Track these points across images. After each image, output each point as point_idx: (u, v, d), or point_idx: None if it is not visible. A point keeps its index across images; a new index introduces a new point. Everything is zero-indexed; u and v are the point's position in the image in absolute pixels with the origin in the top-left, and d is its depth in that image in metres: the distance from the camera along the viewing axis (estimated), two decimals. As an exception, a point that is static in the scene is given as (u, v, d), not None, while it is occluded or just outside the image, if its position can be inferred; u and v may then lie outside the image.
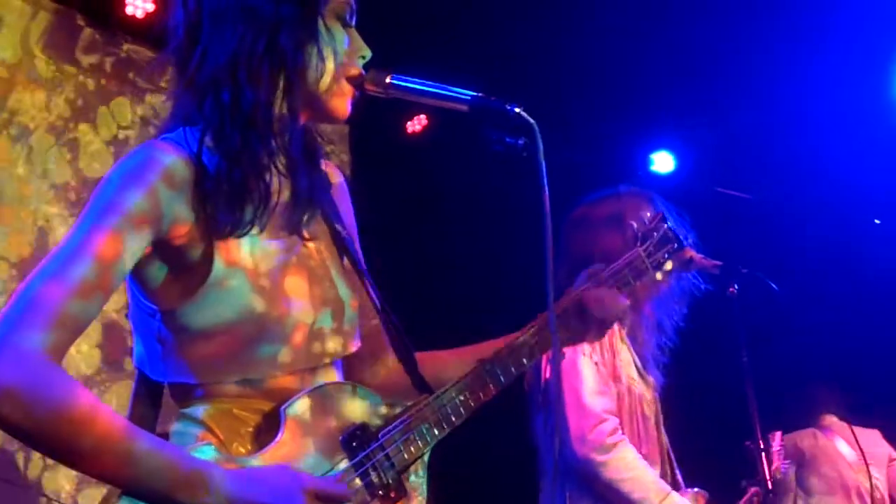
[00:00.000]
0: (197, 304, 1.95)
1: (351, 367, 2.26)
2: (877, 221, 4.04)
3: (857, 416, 5.05)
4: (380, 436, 2.08)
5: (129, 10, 5.34)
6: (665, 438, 3.70)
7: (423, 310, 6.16)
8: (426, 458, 2.15)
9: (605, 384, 3.48)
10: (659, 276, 2.91)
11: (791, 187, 5.68)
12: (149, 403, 2.08)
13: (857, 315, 5.67)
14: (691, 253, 3.68)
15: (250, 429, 1.99)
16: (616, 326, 3.57)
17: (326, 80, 2.09)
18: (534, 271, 2.10)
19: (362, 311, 2.22)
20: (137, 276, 1.97)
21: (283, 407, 1.97)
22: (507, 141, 2.05)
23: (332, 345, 2.10)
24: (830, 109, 5.74)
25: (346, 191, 2.44)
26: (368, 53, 2.19)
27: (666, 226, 2.89)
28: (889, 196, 5.28)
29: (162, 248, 1.95)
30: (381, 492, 2.05)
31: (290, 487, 1.86)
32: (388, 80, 2.16)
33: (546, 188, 1.98)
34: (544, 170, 1.99)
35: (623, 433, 3.46)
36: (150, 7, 5.33)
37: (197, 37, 2.05)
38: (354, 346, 2.17)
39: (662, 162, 6.63)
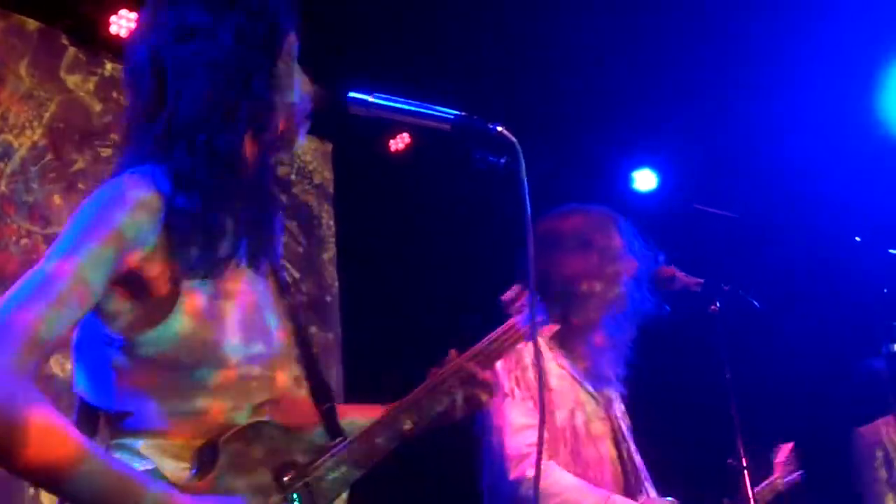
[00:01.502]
0: (156, 335, 2.00)
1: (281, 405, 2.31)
2: (857, 239, 4.06)
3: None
4: (308, 472, 2.16)
5: (113, 30, 5.34)
6: (630, 452, 3.65)
7: (404, 327, 6.17)
8: (345, 495, 2.24)
9: (532, 418, 3.42)
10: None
11: (773, 205, 5.71)
12: (87, 430, 2.10)
13: (839, 332, 5.69)
14: (673, 270, 3.70)
15: (186, 462, 2.03)
16: (548, 354, 3.55)
17: (290, 119, 2.21)
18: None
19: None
20: (102, 304, 2.01)
21: (220, 439, 2.03)
22: (490, 159, 2.07)
23: (271, 383, 2.15)
24: (812, 127, 5.78)
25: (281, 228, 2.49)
26: (310, 87, 2.29)
27: (537, 296, 2.96)
28: (870, 213, 5.31)
29: (129, 279, 1.99)
30: None
31: None
32: (370, 99, 2.18)
33: (528, 206, 2.00)
34: (526, 188, 2.01)
35: (550, 459, 3.41)
36: (135, 26, 5.33)
37: (161, 83, 2.12)
38: (287, 382, 2.22)
39: (644, 179, 6.65)
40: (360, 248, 6.62)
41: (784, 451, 4.38)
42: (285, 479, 2.11)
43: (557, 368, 3.54)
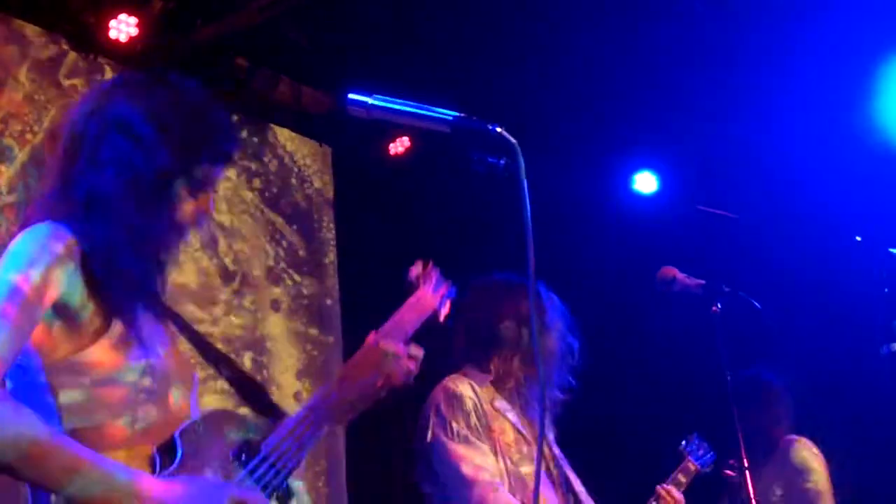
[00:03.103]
0: (92, 355, 2.16)
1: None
2: (858, 238, 4.06)
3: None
4: (262, 448, 2.37)
5: (112, 35, 5.34)
6: (568, 479, 3.63)
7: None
8: (303, 463, 2.48)
9: (483, 454, 3.42)
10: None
11: (774, 206, 5.71)
12: None
13: (839, 332, 5.69)
14: (674, 272, 3.71)
15: (146, 462, 2.16)
16: (483, 396, 3.54)
17: (171, 230, 2.34)
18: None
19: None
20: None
21: (176, 432, 2.20)
22: (489, 161, 2.07)
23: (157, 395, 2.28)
24: (812, 128, 5.78)
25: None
26: (210, 215, 2.42)
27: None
28: (870, 213, 5.30)
29: (55, 311, 2.12)
30: (274, 493, 2.37)
31: (218, 494, 2.12)
32: (370, 101, 2.18)
33: (528, 208, 2.00)
34: (526, 189, 2.01)
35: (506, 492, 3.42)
36: (134, 31, 5.33)
37: (76, 156, 2.28)
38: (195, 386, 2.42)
39: (645, 182, 6.65)
40: (360, 251, 6.62)
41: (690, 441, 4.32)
42: (243, 457, 2.31)
43: (495, 412, 3.54)
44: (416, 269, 3.17)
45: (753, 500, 3.42)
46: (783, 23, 5.54)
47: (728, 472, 4.53)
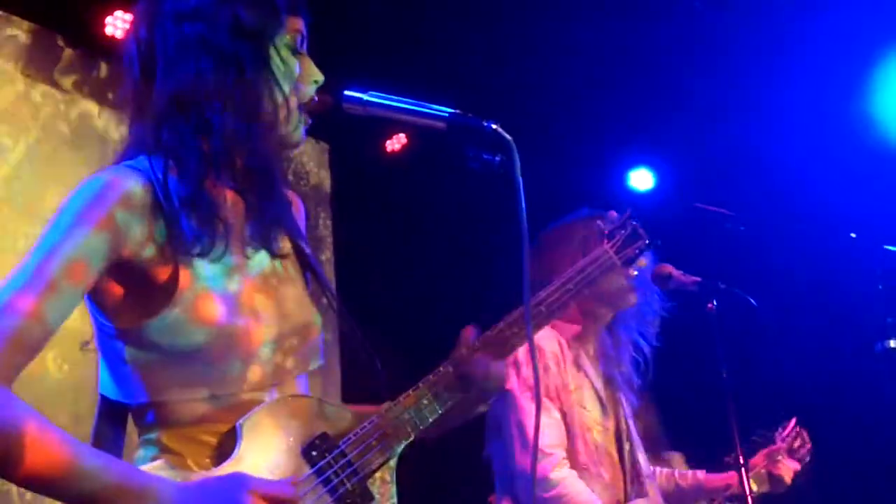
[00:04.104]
0: (163, 323, 1.98)
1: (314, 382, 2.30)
2: (853, 236, 4.06)
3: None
4: (340, 444, 2.11)
5: (108, 31, 5.33)
6: (634, 454, 3.67)
7: (403, 327, 6.17)
8: (393, 463, 2.19)
9: (549, 417, 3.45)
10: (633, 272, 2.92)
11: (769, 203, 5.71)
12: (112, 427, 2.11)
13: (835, 329, 5.70)
14: (669, 269, 3.71)
15: (211, 448, 2.02)
16: (568, 354, 3.57)
17: (283, 110, 2.16)
18: (513, 287, 2.11)
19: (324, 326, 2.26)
20: (96, 296, 2.00)
21: (239, 421, 2.00)
22: (484, 158, 2.06)
23: (297, 361, 2.14)
24: (808, 125, 5.78)
25: (303, 214, 2.46)
26: (321, 78, 2.25)
27: (634, 223, 2.90)
28: (866, 211, 5.31)
29: (120, 269, 1.97)
30: (346, 498, 2.08)
31: (235, 490, 1.87)
32: (365, 97, 2.18)
33: (523, 205, 2.00)
34: (521, 186, 2.00)
35: (570, 467, 3.45)
36: (133, 16, 5.32)
37: (153, 69, 2.10)
38: (319, 362, 2.22)
39: (640, 179, 6.65)
40: (357, 249, 6.61)
41: (789, 428, 4.33)
42: (314, 453, 2.07)
43: (575, 369, 3.58)
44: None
45: (749, 498, 3.42)
46: (779, 19, 5.54)
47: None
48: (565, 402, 3.52)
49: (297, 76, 2.20)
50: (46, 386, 4.82)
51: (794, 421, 4.38)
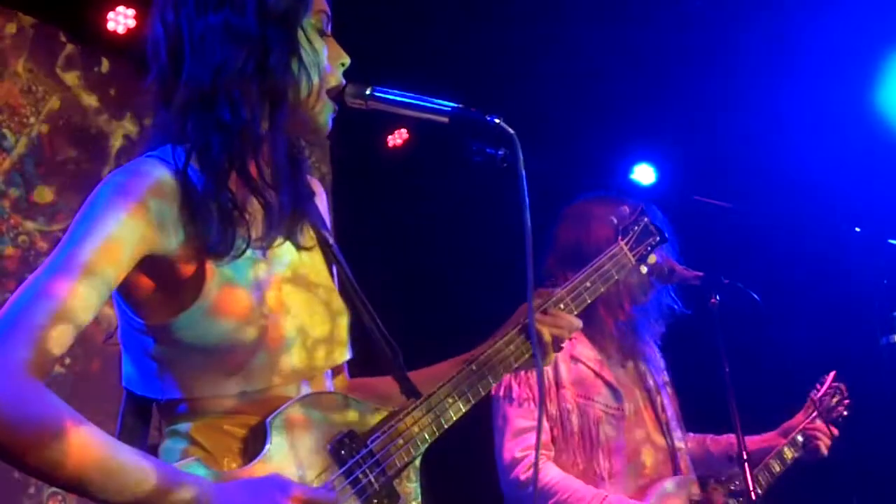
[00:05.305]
0: (191, 318, 1.95)
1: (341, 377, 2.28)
2: (857, 230, 4.05)
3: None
4: (368, 442, 2.09)
5: (110, 26, 5.33)
6: (668, 431, 3.66)
7: (407, 322, 6.16)
8: (417, 462, 2.16)
9: (531, 419, 3.43)
10: (643, 269, 2.93)
11: (772, 197, 5.70)
12: (138, 421, 2.07)
13: (838, 323, 5.69)
14: (672, 263, 3.71)
15: (239, 443, 1.99)
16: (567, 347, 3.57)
17: (312, 97, 2.11)
18: (517, 281, 2.10)
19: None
20: (124, 290, 1.97)
21: (268, 419, 1.97)
22: (488, 152, 2.06)
23: (327, 355, 2.12)
24: (811, 118, 5.77)
25: (326, 203, 2.44)
26: (347, 60, 2.20)
27: (646, 219, 2.91)
28: (869, 204, 5.30)
29: (150, 262, 1.93)
30: (374, 498, 2.06)
31: (277, 494, 1.85)
32: (368, 91, 2.17)
33: (526, 199, 1.99)
34: (525, 180, 2.00)
35: (557, 456, 3.45)
36: (132, 23, 5.33)
37: (179, 57, 2.05)
38: (348, 356, 2.19)
39: (643, 173, 6.64)
40: (358, 243, 6.60)
41: (829, 381, 4.25)
42: (342, 451, 2.04)
43: (573, 361, 3.56)
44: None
45: (753, 494, 3.41)
46: (782, 14, 5.53)
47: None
48: (564, 400, 3.50)
49: (324, 60, 2.14)
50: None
51: (832, 375, 4.34)
